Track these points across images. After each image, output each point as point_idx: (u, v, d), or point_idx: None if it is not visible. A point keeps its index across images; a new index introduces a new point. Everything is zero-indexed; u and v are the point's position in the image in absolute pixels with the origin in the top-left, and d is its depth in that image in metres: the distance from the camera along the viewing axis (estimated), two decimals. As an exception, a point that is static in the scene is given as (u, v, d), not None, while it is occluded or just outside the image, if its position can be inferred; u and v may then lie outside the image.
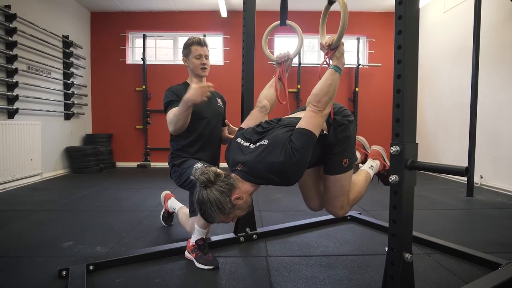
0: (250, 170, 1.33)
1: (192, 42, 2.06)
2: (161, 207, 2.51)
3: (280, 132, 1.33)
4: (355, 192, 1.66)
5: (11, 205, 3.01)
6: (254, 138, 1.40)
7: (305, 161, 1.26)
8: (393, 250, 1.10)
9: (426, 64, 5.20)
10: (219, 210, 1.29)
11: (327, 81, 1.32)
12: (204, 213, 1.32)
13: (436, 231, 2.26)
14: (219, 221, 1.36)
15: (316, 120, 1.29)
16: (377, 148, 1.90)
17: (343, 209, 1.60)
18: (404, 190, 1.05)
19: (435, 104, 5.05)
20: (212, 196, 1.28)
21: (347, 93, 5.82)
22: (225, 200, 1.29)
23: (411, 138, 1.06)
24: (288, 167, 1.23)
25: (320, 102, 1.29)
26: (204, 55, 2.05)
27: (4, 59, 3.72)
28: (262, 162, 1.28)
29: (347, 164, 1.51)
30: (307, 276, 1.64)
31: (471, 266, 1.72)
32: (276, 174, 1.26)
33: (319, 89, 1.31)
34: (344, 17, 1.27)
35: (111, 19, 5.73)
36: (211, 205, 1.28)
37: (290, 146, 1.24)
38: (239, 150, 1.41)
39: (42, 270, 1.67)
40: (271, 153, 1.27)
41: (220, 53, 5.86)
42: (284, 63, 1.72)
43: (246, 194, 1.35)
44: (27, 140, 3.99)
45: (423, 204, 3.10)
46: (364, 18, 5.73)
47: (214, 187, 1.29)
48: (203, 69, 2.06)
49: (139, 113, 5.78)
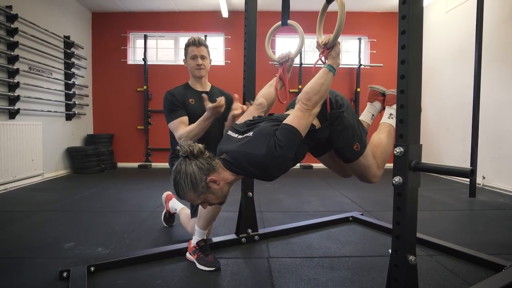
0: (231, 159, 1.30)
1: (189, 43, 2.06)
2: (162, 207, 2.50)
3: (267, 125, 1.31)
4: (381, 153, 1.64)
5: (13, 206, 3.01)
6: (242, 130, 1.39)
7: (286, 158, 1.23)
8: (397, 252, 1.09)
9: (427, 64, 5.18)
10: (191, 185, 1.26)
11: (319, 80, 1.29)
12: (176, 184, 1.28)
13: (438, 232, 2.25)
14: (189, 199, 1.32)
15: (303, 118, 1.26)
16: (392, 92, 1.82)
17: (376, 177, 1.61)
18: (408, 192, 1.04)
19: (437, 104, 5.04)
20: (189, 169, 1.26)
21: (349, 93, 5.81)
22: (201, 177, 1.26)
23: (415, 139, 1.05)
24: (269, 162, 1.20)
25: (310, 100, 1.26)
26: (200, 55, 2.03)
27: (6, 59, 3.72)
28: (243, 152, 1.27)
29: (359, 148, 1.50)
30: (309, 277, 1.63)
31: (474, 268, 1.71)
32: (256, 166, 1.23)
33: (310, 87, 1.29)
34: (341, 16, 1.25)
35: (112, 20, 5.73)
36: (185, 177, 1.25)
37: (274, 140, 1.21)
38: (227, 140, 1.40)
39: (43, 271, 1.66)
40: (254, 145, 1.24)
41: (221, 53, 5.85)
42: (285, 63, 1.71)
43: (224, 182, 1.32)
44: (28, 140, 3.98)
45: (425, 205, 3.08)
46: (366, 18, 5.72)
47: (195, 162, 1.27)
48: (199, 70, 2.05)
49: (140, 114, 5.78)
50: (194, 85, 2.11)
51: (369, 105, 1.90)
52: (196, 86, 2.10)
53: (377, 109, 1.89)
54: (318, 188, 3.95)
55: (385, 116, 1.79)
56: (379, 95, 1.87)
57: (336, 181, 4.34)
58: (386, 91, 1.85)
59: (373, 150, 1.63)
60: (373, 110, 1.89)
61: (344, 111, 1.48)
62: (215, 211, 1.79)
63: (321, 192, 3.71)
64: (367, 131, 1.63)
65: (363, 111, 1.91)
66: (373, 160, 1.59)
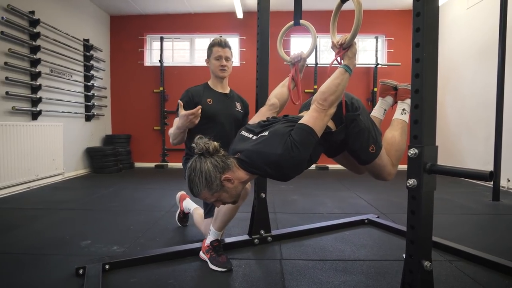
0: (247, 158, 1.29)
1: (214, 43, 2.05)
2: (177, 207, 2.53)
3: (282, 126, 1.30)
4: (395, 151, 1.61)
5: (35, 204, 3.11)
6: (257, 130, 1.38)
7: (302, 158, 1.22)
8: (411, 258, 1.05)
9: (448, 63, 5.02)
10: (206, 182, 1.25)
11: (335, 80, 1.27)
12: (190, 181, 1.28)
13: (459, 237, 2.17)
14: (203, 196, 1.32)
15: (319, 119, 1.24)
16: (404, 87, 1.78)
17: (391, 175, 1.59)
18: (423, 195, 1.00)
19: (457, 104, 4.87)
20: (204, 166, 1.25)
21: (365, 93, 5.71)
22: (216, 175, 1.25)
23: (431, 140, 1.01)
24: (285, 161, 1.19)
25: (326, 101, 1.25)
26: (225, 57, 2.03)
27: (29, 62, 3.85)
28: (259, 152, 1.26)
29: (374, 149, 1.47)
30: (321, 280, 1.60)
31: (497, 275, 1.64)
32: (271, 166, 1.22)
33: (326, 87, 1.27)
34: (358, 16, 1.22)
35: (130, 22, 5.85)
36: (200, 174, 1.25)
37: (290, 140, 1.20)
38: (241, 140, 1.40)
39: (61, 268, 1.71)
40: (270, 144, 1.24)
41: (236, 54, 5.87)
42: (298, 63, 1.70)
43: (238, 181, 1.31)
44: (49, 141, 4.12)
45: (446, 208, 2.99)
46: (383, 16, 5.61)
47: (209, 159, 1.27)
48: (222, 71, 2.05)
49: (156, 115, 5.87)
50: (214, 85, 2.11)
51: (381, 100, 1.86)
52: (217, 87, 2.10)
53: (389, 104, 1.85)
54: (334, 190, 3.90)
55: (398, 111, 1.75)
56: (391, 90, 1.83)
57: (352, 183, 4.27)
58: (398, 85, 1.81)
59: (387, 148, 1.59)
60: (385, 105, 1.85)
61: (360, 114, 1.46)
62: (232, 213, 1.79)
63: (337, 194, 3.66)
64: (381, 131, 1.59)
65: (375, 107, 1.87)
66: (388, 158, 1.56)
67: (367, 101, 5.68)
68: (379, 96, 1.88)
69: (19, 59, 3.70)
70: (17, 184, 3.60)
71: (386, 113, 1.86)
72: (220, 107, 2.03)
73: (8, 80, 3.50)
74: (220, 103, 2.05)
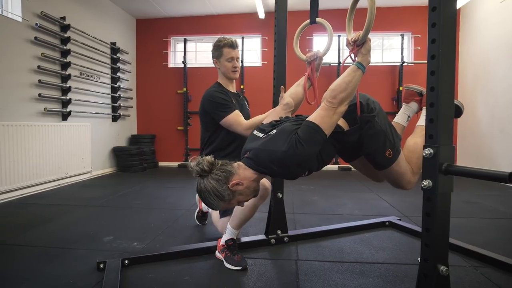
0: (254, 157, 1.30)
1: (224, 44, 2.07)
2: (197, 206, 2.57)
3: (290, 124, 1.30)
4: (417, 159, 1.54)
5: (64, 201, 3.27)
6: (267, 129, 1.38)
7: (308, 155, 1.20)
8: (426, 262, 1.01)
9: (478, 60, 4.79)
10: (217, 198, 1.28)
11: (346, 77, 1.24)
12: (205, 201, 1.32)
13: (486, 242, 2.06)
14: (222, 208, 1.36)
15: (327, 116, 1.21)
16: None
17: (411, 183, 1.53)
18: (438, 197, 0.96)
19: (489, 102, 4.63)
20: (208, 185, 1.28)
21: (390, 92, 5.55)
22: (222, 187, 1.27)
23: (447, 140, 0.97)
24: (289, 158, 1.18)
25: (336, 98, 1.22)
26: (236, 58, 2.06)
27: (59, 66, 4.05)
28: (264, 149, 1.26)
29: (391, 154, 1.43)
30: (337, 283, 1.57)
31: (525, 283, 1.54)
32: (277, 164, 1.21)
33: (336, 85, 1.24)
34: (371, 12, 1.19)
35: (155, 25, 6.01)
36: (209, 194, 1.28)
37: (295, 137, 1.19)
38: (252, 140, 1.41)
39: (83, 262, 1.79)
40: (275, 142, 1.23)
41: (259, 54, 5.89)
42: (314, 62, 1.67)
43: (247, 180, 1.31)
44: (78, 140, 4.31)
45: (473, 212, 2.85)
46: (409, 13, 5.43)
47: (210, 176, 1.29)
48: (235, 72, 2.07)
49: (180, 115, 5.99)
50: (227, 86, 2.13)
51: (405, 106, 1.80)
52: (229, 87, 2.13)
53: (413, 110, 1.78)
54: (355, 191, 3.82)
55: (422, 117, 1.68)
56: (415, 95, 1.76)
57: (375, 184, 4.16)
58: (423, 90, 1.74)
59: (408, 155, 1.54)
60: (409, 111, 1.78)
61: (375, 116, 1.42)
62: (250, 213, 1.81)
63: (358, 195, 3.58)
64: (400, 136, 1.53)
65: (398, 112, 1.81)
66: (407, 166, 1.51)
67: (392, 100, 5.52)
68: (403, 101, 1.82)
69: (51, 62, 3.91)
70: (49, 181, 3.79)
71: (410, 120, 1.79)
72: (238, 107, 2.05)
73: (41, 83, 3.70)
74: (237, 102, 2.07)
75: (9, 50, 3.35)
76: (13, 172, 3.31)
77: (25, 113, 3.55)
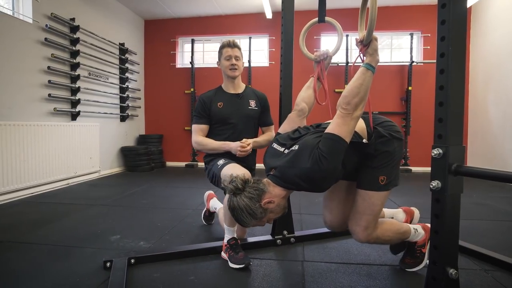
0: (281, 174, 1.32)
1: (223, 45, 2.12)
2: (204, 206, 2.57)
3: (311, 138, 1.30)
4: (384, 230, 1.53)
5: (72, 199, 3.30)
6: (288, 144, 1.38)
7: (334, 168, 1.21)
8: (435, 264, 0.99)
9: (490, 60, 4.70)
10: (250, 216, 1.30)
11: (357, 81, 1.24)
12: (237, 219, 1.34)
13: (497, 245, 2.02)
14: (253, 225, 1.37)
15: (345, 124, 1.22)
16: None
17: (367, 231, 1.45)
18: (447, 198, 0.94)
19: (502, 102, 4.54)
20: (242, 203, 1.29)
21: (399, 92, 5.48)
22: (255, 205, 1.29)
23: (457, 140, 0.94)
24: (316, 174, 1.20)
25: (350, 104, 1.22)
26: (234, 56, 2.08)
27: (69, 66, 4.10)
28: (291, 167, 1.27)
29: (384, 182, 1.41)
30: (343, 284, 1.55)
31: (538, 288, 1.50)
32: (305, 180, 1.23)
33: (348, 91, 1.24)
34: (372, 10, 1.17)
35: (163, 26, 6.05)
36: (241, 211, 1.30)
37: (317, 152, 1.20)
38: (274, 155, 1.41)
39: (90, 260, 1.80)
40: (299, 158, 1.25)
41: (266, 54, 5.88)
42: (323, 61, 1.65)
43: (278, 198, 1.34)
44: (87, 140, 4.36)
45: (486, 214, 2.79)
46: (418, 11, 5.35)
47: (243, 194, 1.31)
48: (232, 70, 2.08)
49: (187, 115, 6.01)
50: (227, 87, 2.15)
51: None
52: (229, 89, 2.15)
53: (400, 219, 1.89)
54: (363, 192, 3.77)
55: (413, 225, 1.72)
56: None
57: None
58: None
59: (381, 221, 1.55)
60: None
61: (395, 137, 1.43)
62: None
63: (366, 196, 3.53)
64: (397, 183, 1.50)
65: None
66: (378, 213, 1.47)
67: (401, 100, 5.45)
68: None
69: (60, 63, 3.96)
70: (58, 180, 3.84)
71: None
72: (231, 109, 2.09)
73: (51, 83, 3.75)
74: (231, 104, 2.10)
75: (20, 51, 3.40)
76: (24, 171, 3.36)
77: (35, 113, 3.60)
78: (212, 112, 2.08)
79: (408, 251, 1.70)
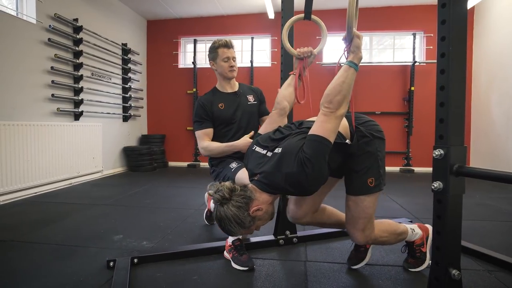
0: (267, 180, 1.27)
1: (218, 45, 2.09)
2: (206, 206, 2.58)
3: (294, 140, 1.26)
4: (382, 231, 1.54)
5: (75, 199, 3.32)
6: (271, 146, 1.34)
7: (320, 170, 1.17)
8: (437, 265, 0.99)
9: (494, 60, 4.68)
10: (238, 226, 1.25)
11: (339, 79, 1.22)
12: (224, 230, 1.29)
13: (500, 245, 2.01)
14: (241, 234, 1.34)
15: (329, 123, 1.19)
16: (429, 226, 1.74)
17: (365, 233, 1.45)
18: (449, 199, 0.94)
19: (506, 103, 4.52)
20: (229, 212, 1.23)
21: (402, 92, 5.46)
22: (243, 214, 1.24)
23: (458, 140, 0.94)
24: (302, 178, 1.16)
25: (332, 102, 1.19)
26: (232, 57, 2.08)
27: (72, 67, 4.12)
28: (277, 172, 1.22)
29: (373, 184, 1.40)
30: (346, 284, 1.56)
31: (541, 288, 1.50)
32: (291, 184, 1.19)
33: (330, 89, 1.22)
34: (349, 7, 1.17)
35: (165, 26, 6.07)
36: (229, 221, 1.24)
37: (302, 155, 1.16)
38: (256, 158, 1.36)
39: (94, 260, 1.81)
40: (285, 163, 1.20)
41: (268, 54, 5.88)
42: (306, 59, 1.60)
43: (266, 204, 1.29)
44: (90, 140, 4.38)
45: (489, 215, 2.78)
46: (421, 11, 5.34)
47: (231, 203, 1.24)
48: (232, 71, 2.09)
49: (189, 115, 6.02)
50: (223, 87, 2.16)
51: None
52: (226, 88, 2.15)
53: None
54: (365, 192, 3.76)
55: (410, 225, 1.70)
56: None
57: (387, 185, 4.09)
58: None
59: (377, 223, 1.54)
60: None
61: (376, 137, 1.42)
62: None
63: (368, 196, 3.53)
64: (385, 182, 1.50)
65: None
66: (372, 215, 1.47)
67: (403, 100, 5.43)
68: None
69: (64, 63, 3.98)
70: (61, 180, 3.86)
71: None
72: (232, 109, 2.09)
73: (54, 83, 3.77)
74: (231, 103, 2.10)
75: (23, 51, 3.42)
76: (27, 171, 3.38)
77: (38, 113, 3.62)
78: (215, 114, 2.07)
79: (409, 252, 1.72)
